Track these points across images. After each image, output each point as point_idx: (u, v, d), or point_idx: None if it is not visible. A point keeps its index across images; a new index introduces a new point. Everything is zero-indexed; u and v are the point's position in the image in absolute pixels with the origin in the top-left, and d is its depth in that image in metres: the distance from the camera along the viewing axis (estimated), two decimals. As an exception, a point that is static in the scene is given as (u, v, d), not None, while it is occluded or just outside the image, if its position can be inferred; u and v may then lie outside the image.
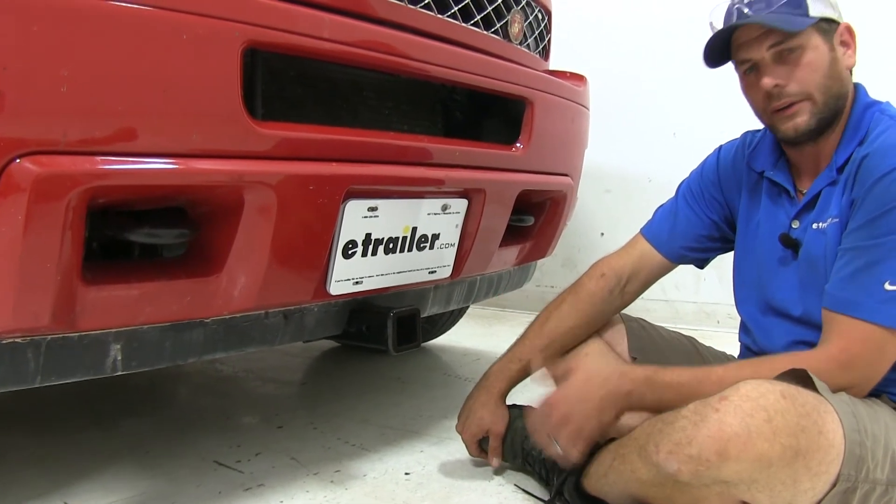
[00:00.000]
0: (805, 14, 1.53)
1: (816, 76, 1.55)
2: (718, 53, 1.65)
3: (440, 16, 1.78)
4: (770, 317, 1.73)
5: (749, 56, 1.60)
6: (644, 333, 1.99)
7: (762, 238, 1.75)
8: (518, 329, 2.04)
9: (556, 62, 2.60)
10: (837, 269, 1.52)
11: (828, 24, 1.56)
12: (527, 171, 2.12)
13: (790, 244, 1.66)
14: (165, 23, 1.20)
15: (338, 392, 2.74)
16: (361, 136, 1.61)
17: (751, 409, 1.31)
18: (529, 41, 2.27)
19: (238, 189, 1.35)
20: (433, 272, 1.93)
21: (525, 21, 2.20)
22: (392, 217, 1.70)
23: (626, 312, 2.07)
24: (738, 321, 1.87)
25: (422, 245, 1.82)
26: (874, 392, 1.54)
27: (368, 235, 1.65)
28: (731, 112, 1.69)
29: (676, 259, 1.93)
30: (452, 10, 1.82)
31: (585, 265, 2.01)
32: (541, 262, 2.79)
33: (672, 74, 3.91)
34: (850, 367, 1.47)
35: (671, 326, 2.10)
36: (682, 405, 1.42)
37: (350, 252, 1.63)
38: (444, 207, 1.84)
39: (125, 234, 1.34)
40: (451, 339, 3.52)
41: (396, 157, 1.68)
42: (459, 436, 1.98)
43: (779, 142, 1.71)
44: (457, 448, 2.12)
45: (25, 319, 1.20)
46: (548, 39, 2.46)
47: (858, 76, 1.65)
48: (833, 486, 1.34)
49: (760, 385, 1.35)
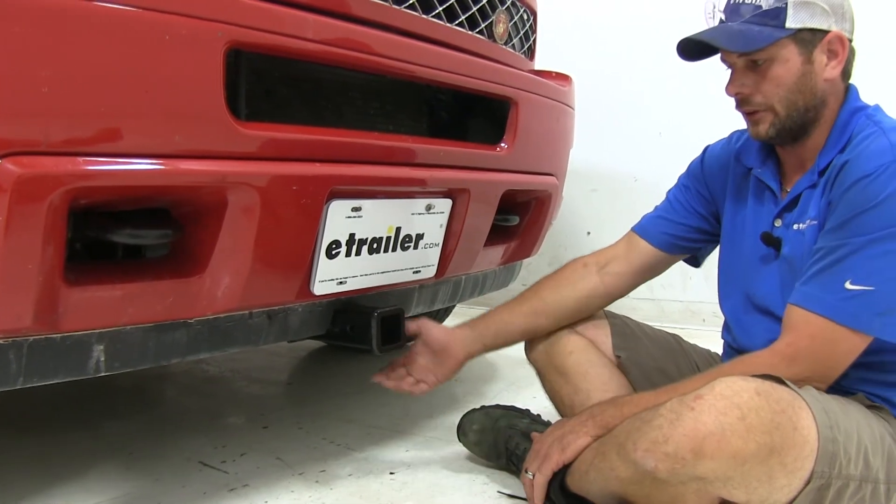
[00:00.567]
0: (780, 25, 1.52)
1: (780, 91, 1.56)
2: (699, 49, 1.64)
3: (425, 16, 1.77)
4: (751, 314, 1.74)
5: (725, 58, 1.63)
6: (628, 331, 2.00)
7: (746, 235, 1.76)
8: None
9: (542, 62, 2.60)
10: (807, 268, 1.53)
11: (810, 34, 1.54)
12: (511, 171, 2.12)
13: (772, 243, 1.67)
14: (148, 23, 1.20)
15: (323, 392, 2.73)
16: (345, 137, 1.61)
17: (725, 408, 1.32)
18: (514, 41, 2.27)
19: (221, 189, 1.35)
20: (417, 272, 1.93)
21: (510, 21, 2.20)
22: (376, 217, 1.70)
23: (611, 311, 2.08)
24: (724, 320, 1.88)
25: (406, 245, 1.82)
26: (849, 391, 1.55)
27: (352, 235, 1.65)
28: (717, 112, 1.70)
29: (664, 246, 1.93)
30: (437, 11, 1.82)
31: (572, 265, 2.03)
32: (527, 262, 2.79)
33: (658, 74, 3.92)
34: (795, 361, 1.49)
35: (657, 325, 2.11)
36: None
37: (334, 252, 1.62)
38: (429, 207, 1.84)
39: (108, 235, 1.33)
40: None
41: (380, 158, 1.68)
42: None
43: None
44: (442, 448, 2.13)
45: (7, 320, 1.19)
46: (533, 39, 2.47)
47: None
48: (808, 483, 1.35)
49: (735, 383, 1.36)
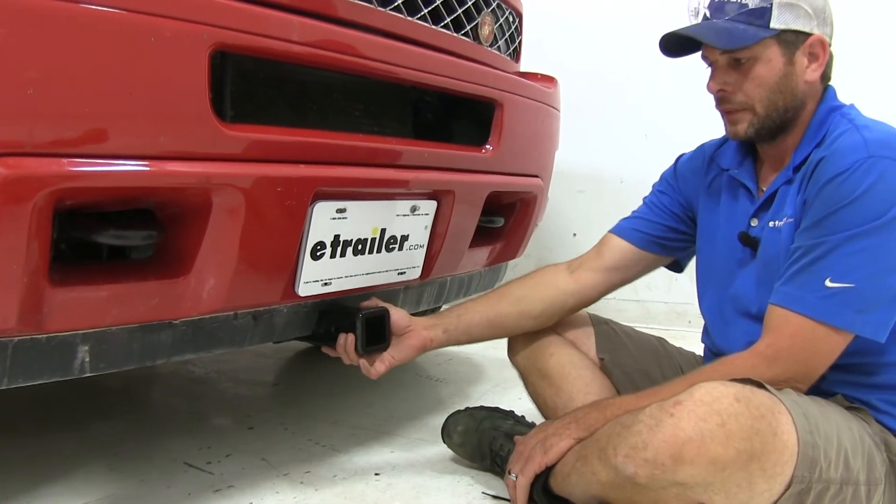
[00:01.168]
0: (765, 25, 1.54)
1: (762, 91, 1.58)
2: (681, 45, 1.65)
3: (410, 18, 1.78)
4: (729, 315, 1.75)
5: (707, 55, 1.63)
6: (612, 334, 2.02)
7: (722, 236, 1.77)
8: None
9: (528, 63, 2.61)
10: (786, 268, 1.54)
11: (794, 36, 1.56)
12: (496, 173, 2.13)
13: (749, 242, 1.68)
14: (133, 25, 1.20)
15: (309, 393, 2.74)
16: (330, 138, 1.61)
17: (704, 414, 1.33)
18: (500, 43, 2.28)
19: (206, 191, 1.35)
20: (402, 273, 1.93)
21: (496, 23, 2.21)
22: (361, 218, 1.70)
23: (596, 314, 2.09)
24: (704, 323, 1.89)
25: (391, 246, 1.83)
26: (828, 393, 1.56)
27: (337, 237, 1.66)
28: (703, 113, 1.71)
29: (639, 242, 1.93)
30: (422, 13, 1.83)
31: (558, 266, 2.03)
32: (513, 263, 2.80)
33: (645, 76, 3.94)
34: (776, 362, 1.50)
35: (643, 326, 2.12)
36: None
37: (318, 253, 1.63)
38: (414, 209, 1.84)
39: (92, 236, 1.33)
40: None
41: (365, 159, 1.68)
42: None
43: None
44: (427, 449, 2.13)
45: (-8, 321, 1.19)
46: (518, 41, 2.48)
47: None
48: (788, 487, 1.36)
49: (714, 388, 1.36)
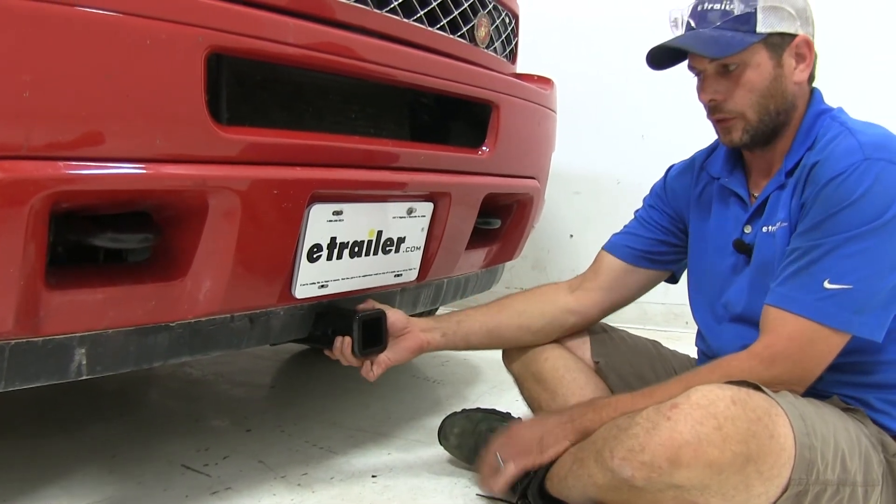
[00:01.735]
0: (752, 30, 1.55)
1: (753, 96, 1.58)
2: (671, 56, 1.66)
3: (406, 20, 1.78)
4: (723, 322, 1.75)
5: (695, 65, 1.64)
6: (607, 338, 2.02)
7: (713, 244, 1.77)
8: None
9: (524, 64, 2.62)
10: (782, 269, 1.54)
11: (780, 38, 1.57)
12: (493, 175, 2.13)
13: (743, 249, 1.69)
14: (129, 28, 1.20)
15: (306, 395, 2.74)
16: (326, 141, 1.61)
17: (701, 417, 1.33)
18: (496, 45, 2.28)
19: (202, 193, 1.35)
20: (399, 275, 1.93)
21: (492, 25, 2.21)
22: (357, 220, 1.70)
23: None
24: (697, 328, 1.90)
25: (387, 248, 1.83)
26: (824, 394, 1.57)
27: (333, 239, 1.66)
28: (699, 114, 1.71)
29: (630, 259, 1.94)
30: (418, 14, 1.83)
31: (555, 267, 2.04)
32: (510, 265, 2.80)
33: (640, 77, 3.93)
34: (773, 364, 1.50)
35: (640, 327, 2.12)
36: None
37: (315, 256, 1.63)
38: (410, 211, 1.85)
39: (89, 239, 1.33)
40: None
41: (362, 161, 1.68)
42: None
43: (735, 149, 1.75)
44: (424, 451, 2.14)
45: (-12, 324, 1.19)
46: (515, 43, 2.48)
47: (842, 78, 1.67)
48: (785, 490, 1.36)
49: (710, 392, 1.37)
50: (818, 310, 1.47)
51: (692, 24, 1.61)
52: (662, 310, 4.07)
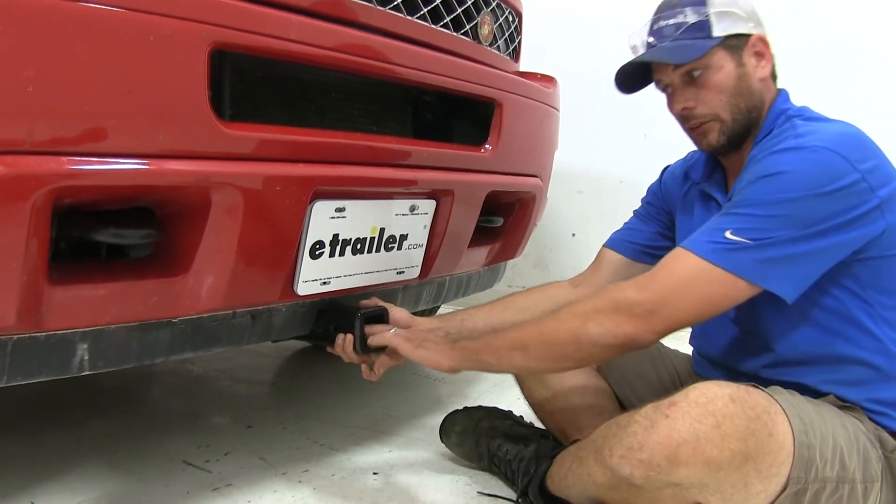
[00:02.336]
0: (708, 35, 1.58)
1: (722, 97, 1.61)
2: (637, 79, 1.75)
3: (409, 17, 1.78)
4: (712, 321, 1.75)
5: (661, 78, 1.69)
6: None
7: None
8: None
9: (527, 63, 2.61)
10: None
11: (736, 40, 1.60)
12: (496, 173, 2.13)
13: None
14: (132, 24, 1.20)
15: (308, 392, 2.74)
16: (329, 138, 1.61)
17: (699, 415, 1.33)
18: (499, 43, 2.28)
19: (205, 190, 1.35)
20: (401, 273, 1.93)
21: (495, 23, 2.21)
22: (360, 218, 1.71)
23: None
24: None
25: (390, 246, 1.83)
26: (820, 392, 1.56)
27: (336, 236, 1.66)
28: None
29: (630, 253, 1.96)
30: (422, 12, 1.83)
31: (557, 266, 2.03)
32: (512, 263, 2.80)
33: (643, 77, 3.93)
34: (647, 288, 1.48)
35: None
36: (505, 366, 1.65)
37: (317, 252, 1.63)
38: (413, 208, 1.85)
39: (91, 235, 1.33)
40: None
41: (364, 158, 1.68)
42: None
43: (713, 154, 1.76)
44: (425, 449, 2.14)
45: (-9, 319, 1.19)
46: (518, 41, 2.48)
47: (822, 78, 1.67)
48: (784, 488, 1.36)
49: (709, 389, 1.36)
50: (712, 251, 1.44)
51: (651, 42, 1.66)
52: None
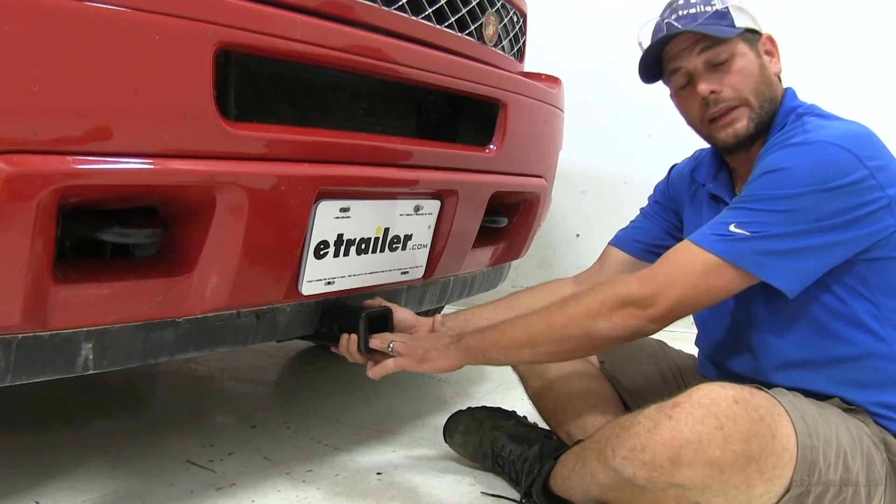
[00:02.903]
0: (731, 25, 1.60)
1: (750, 81, 1.60)
2: (652, 69, 1.71)
3: (414, 18, 1.78)
4: (715, 319, 1.76)
5: (681, 65, 1.64)
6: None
7: None
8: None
9: (531, 63, 2.61)
10: None
11: (752, 35, 1.63)
12: (500, 173, 2.13)
13: None
14: (138, 23, 1.20)
15: (311, 392, 2.74)
16: (334, 137, 1.61)
17: (702, 417, 1.32)
18: (504, 43, 2.28)
19: (210, 189, 1.35)
20: (406, 273, 1.93)
21: (500, 23, 2.21)
22: (364, 218, 1.70)
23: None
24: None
25: (394, 246, 1.83)
26: (825, 395, 1.56)
27: (340, 236, 1.66)
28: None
29: (635, 252, 1.96)
30: (427, 13, 1.83)
31: (561, 266, 2.03)
32: (516, 263, 2.80)
33: (647, 77, 3.93)
34: (650, 282, 1.50)
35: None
36: (514, 361, 1.71)
37: (322, 252, 1.63)
38: (417, 208, 1.85)
39: (96, 234, 1.33)
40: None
41: (369, 158, 1.68)
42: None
43: (718, 154, 1.76)
44: (429, 449, 2.14)
45: (-5, 318, 1.20)
46: (522, 41, 2.48)
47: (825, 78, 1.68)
48: (787, 491, 1.36)
49: (712, 391, 1.36)
50: (714, 242, 1.45)
51: (679, 27, 1.62)
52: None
